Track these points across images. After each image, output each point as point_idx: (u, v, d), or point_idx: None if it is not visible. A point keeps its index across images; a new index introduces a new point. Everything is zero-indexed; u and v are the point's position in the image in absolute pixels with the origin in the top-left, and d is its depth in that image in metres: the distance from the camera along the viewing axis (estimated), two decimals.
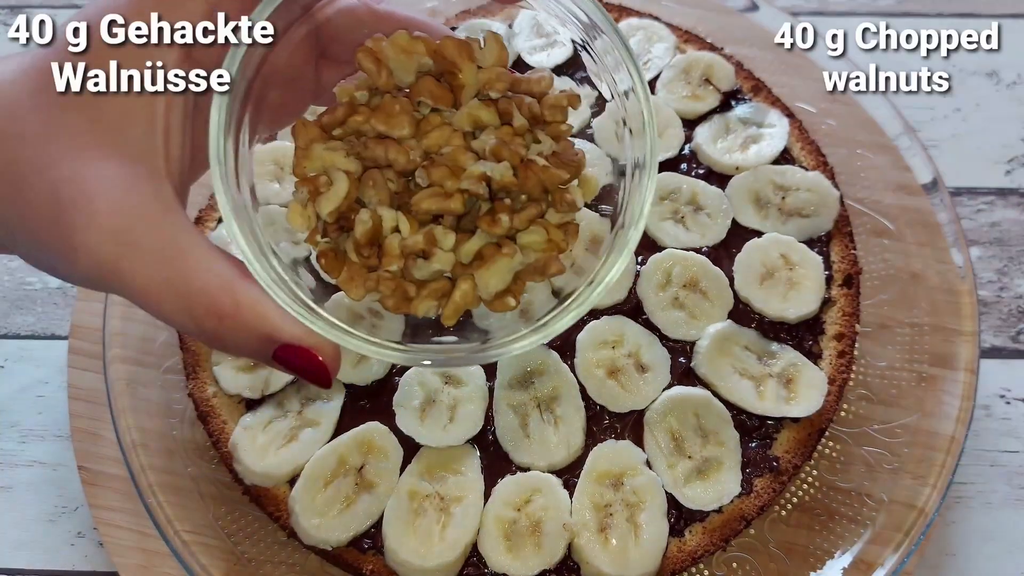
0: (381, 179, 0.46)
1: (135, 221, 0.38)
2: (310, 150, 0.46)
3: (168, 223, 0.39)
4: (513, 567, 0.64)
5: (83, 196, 0.37)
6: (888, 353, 0.77)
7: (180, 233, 0.39)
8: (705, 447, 0.68)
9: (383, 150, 0.46)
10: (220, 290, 0.38)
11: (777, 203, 0.79)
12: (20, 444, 0.80)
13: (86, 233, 0.37)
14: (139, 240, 0.38)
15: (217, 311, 0.38)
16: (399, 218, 0.46)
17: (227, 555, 0.68)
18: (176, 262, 0.38)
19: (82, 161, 0.38)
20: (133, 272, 0.37)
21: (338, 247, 0.47)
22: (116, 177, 0.38)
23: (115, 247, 0.37)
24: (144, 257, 0.37)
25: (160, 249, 0.38)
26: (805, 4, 1.08)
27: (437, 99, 0.47)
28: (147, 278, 0.37)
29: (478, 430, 0.68)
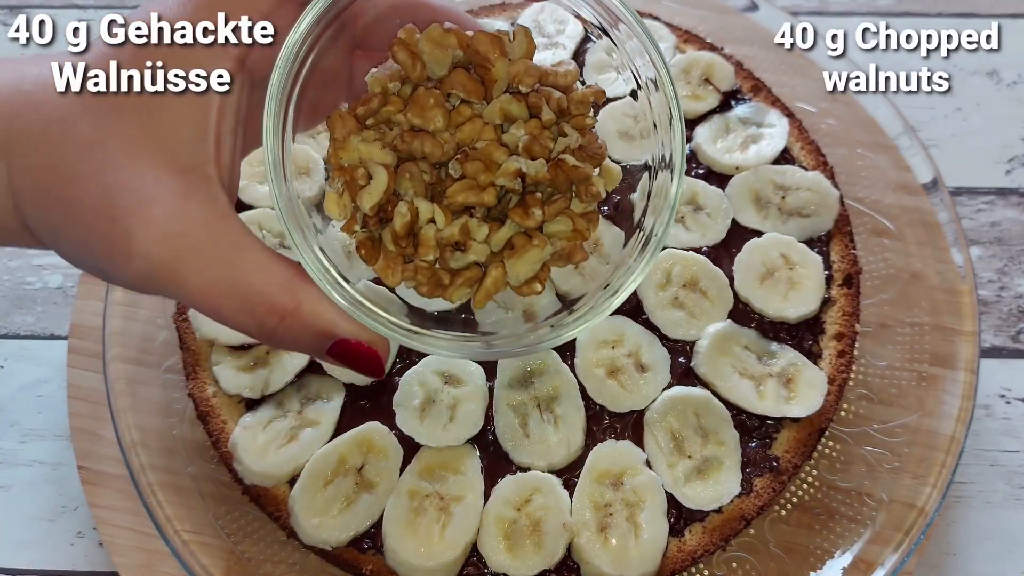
0: (417, 171, 0.47)
1: (192, 227, 0.39)
2: (347, 142, 0.47)
3: (224, 228, 0.40)
4: (513, 567, 0.64)
5: (139, 202, 0.38)
6: (888, 353, 0.77)
7: (237, 237, 0.40)
8: (705, 447, 0.68)
9: (419, 143, 0.47)
10: (280, 290, 0.40)
11: (777, 203, 0.79)
12: (20, 444, 0.80)
13: (143, 239, 0.38)
14: (197, 245, 0.39)
15: (278, 311, 0.40)
16: (435, 210, 0.47)
17: (227, 555, 0.68)
18: (235, 265, 0.39)
19: (137, 167, 0.38)
20: (191, 276, 0.39)
21: (374, 236, 0.48)
22: (171, 183, 0.39)
23: (173, 252, 0.38)
24: (203, 261, 0.39)
25: (219, 254, 0.39)
26: (805, 4, 1.08)
27: (469, 92, 0.48)
28: (206, 281, 0.39)
29: (478, 430, 0.68)
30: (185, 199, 0.39)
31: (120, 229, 0.38)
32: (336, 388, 0.71)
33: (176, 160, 0.39)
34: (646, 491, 0.66)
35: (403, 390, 0.70)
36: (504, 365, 0.70)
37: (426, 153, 0.47)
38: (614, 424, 0.70)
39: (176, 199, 0.39)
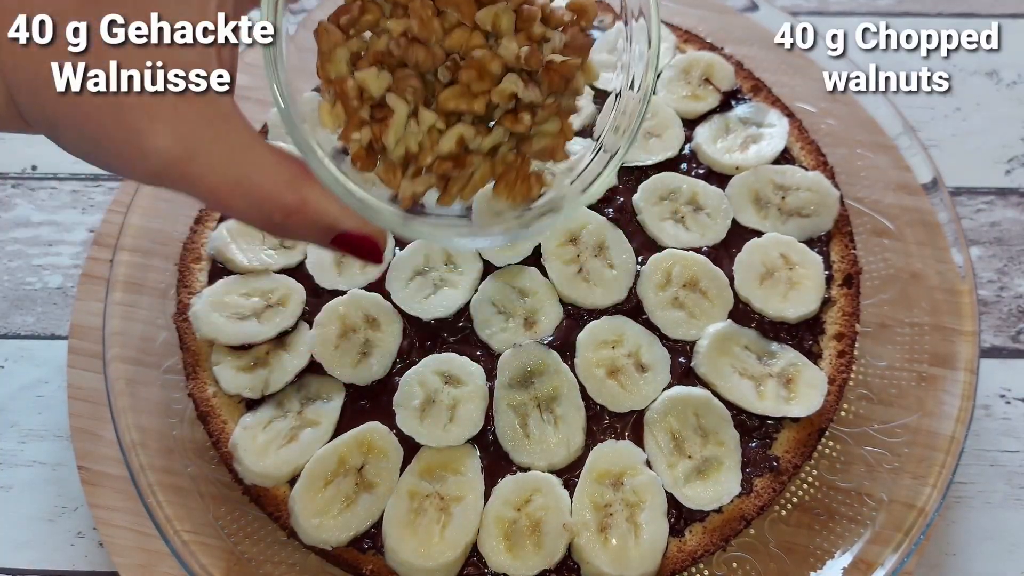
0: (417, 85, 0.47)
1: (200, 126, 0.40)
2: (333, 54, 0.47)
3: (231, 128, 0.41)
4: (513, 567, 0.64)
5: (152, 107, 0.39)
6: (888, 353, 0.77)
7: (243, 135, 0.41)
8: (705, 447, 0.68)
9: (413, 52, 0.47)
10: (286, 188, 0.41)
11: (777, 203, 0.79)
12: (20, 444, 0.80)
13: (155, 136, 0.39)
14: (206, 144, 0.40)
15: (285, 208, 0.42)
16: (436, 121, 0.47)
17: (227, 555, 0.68)
18: (244, 164, 0.40)
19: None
20: (202, 174, 0.40)
21: (370, 146, 0.48)
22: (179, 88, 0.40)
23: (183, 150, 0.39)
24: (212, 160, 0.40)
25: (227, 152, 0.40)
26: (805, 4, 1.08)
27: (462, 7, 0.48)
28: (217, 179, 0.40)
29: (478, 430, 0.68)
30: (194, 98, 0.40)
31: (130, 127, 0.39)
32: (336, 388, 0.71)
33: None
34: (646, 491, 0.66)
35: (403, 390, 0.70)
36: (504, 366, 0.70)
37: (419, 61, 0.47)
38: (614, 424, 0.70)
39: (185, 99, 0.39)
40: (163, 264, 0.80)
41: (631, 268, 0.75)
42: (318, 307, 0.73)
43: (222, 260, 0.76)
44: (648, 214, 0.78)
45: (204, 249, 0.79)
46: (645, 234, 0.78)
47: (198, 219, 0.81)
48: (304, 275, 0.76)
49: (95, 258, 0.85)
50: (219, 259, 0.77)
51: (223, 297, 0.74)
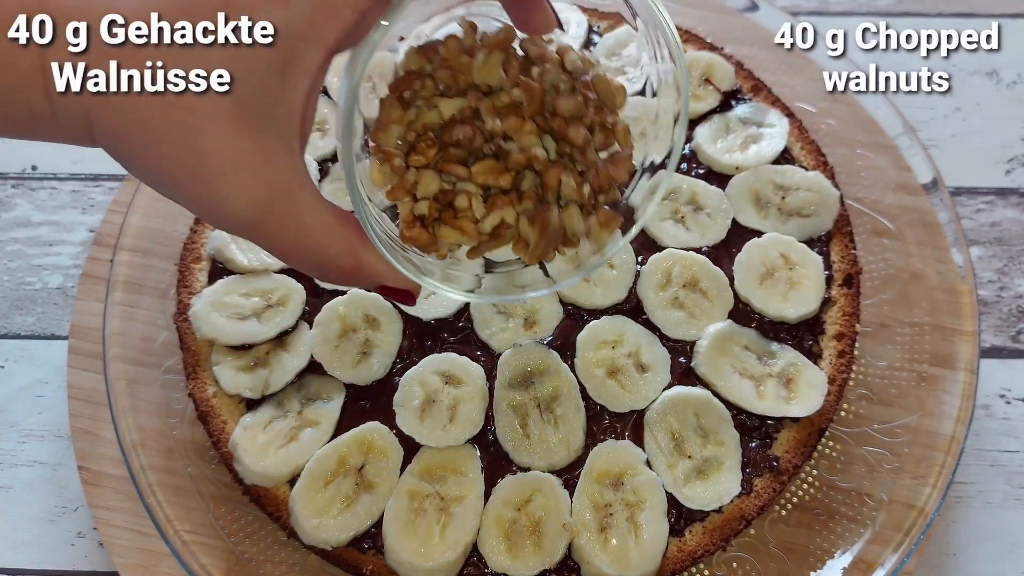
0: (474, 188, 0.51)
1: (275, 194, 0.43)
2: (389, 129, 0.50)
3: (302, 197, 0.45)
4: (513, 567, 0.64)
5: (230, 168, 0.42)
6: (888, 353, 0.77)
7: (312, 205, 0.45)
8: (705, 447, 0.68)
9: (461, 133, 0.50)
10: (346, 253, 0.47)
11: (777, 203, 0.79)
12: (20, 444, 0.80)
13: (234, 204, 0.43)
14: (278, 212, 0.44)
15: (342, 269, 0.48)
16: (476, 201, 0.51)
17: (227, 555, 0.68)
18: (310, 234, 0.45)
19: (228, 136, 0.41)
20: (273, 237, 0.45)
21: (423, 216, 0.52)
22: (258, 152, 0.42)
23: (258, 215, 0.43)
24: (283, 227, 0.45)
25: (296, 222, 0.45)
26: (805, 4, 1.08)
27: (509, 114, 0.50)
28: (286, 245, 0.46)
29: (478, 430, 0.68)
30: (272, 170, 0.43)
31: (212, 192, 0.42)
32: (336, 388, 0.71)
33: (264, 130, 0.42)
34: (646, 491, 0.66)
35: (403, 390, 0.70)
36: (504, 366, 0.70)
37: (464, 140, 0.50)
38: (614, 424, 0.70)
39: (263, 170, 0.42)
40: (163, 264, 0.80)
41: (631, 268, 0.75)
42: (318, 307, 0.73)
43: (222, 260, 0.76)
44: None
45: (204, 249, 0.79)
46: (645, 234, 0.78)
47: (198, 219, 0.81)
48: (304, 275, 0.76)
49: (95, 258, 0.85)
50: (219, 259, 0.77)
51: (223, 297, 0.74)
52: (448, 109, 0.50)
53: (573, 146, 0.51)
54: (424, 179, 0.50)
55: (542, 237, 0.52)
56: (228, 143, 0.42)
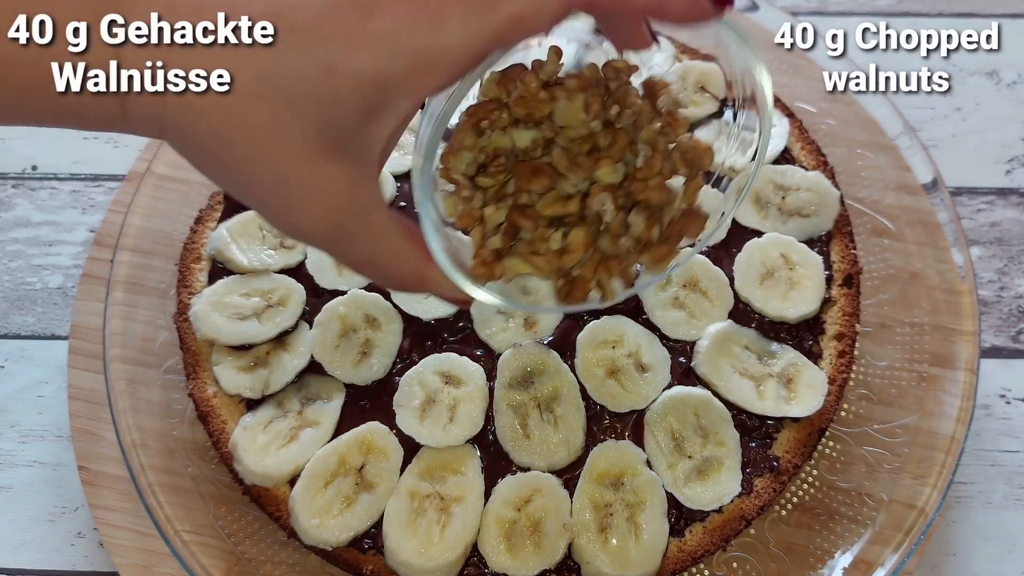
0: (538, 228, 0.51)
1: (351, 219, 0.45)
2: (460, 154, 0.50)
3: (375, 219, 0.47)
4: (513, 567, 0.64)
5: (309, 194, 0.43)
6: (888, 353, 0.77)
7: (383, 228, 0.47)
8: (705, 447, 0.68)
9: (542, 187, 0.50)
10: (412, 271, 0.49)
11: (777, 203, 0.79)
12: (20, 444, 0.80)
13: (309, 225, 0.45)
14: (352, 233, 0.46)
15: (407, 284, 0.51)
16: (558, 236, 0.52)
17: (227, 555, 0.68)
18: (380, 252, 0.48)
19: (310, 162, 0.42)
20: (345, 254, 0.48)
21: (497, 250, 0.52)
22: (338, 179, 0.44)
23: (333, 237, 0.46)
24: (355, 246, 0.47)
25: (367, 241, 0.47)
26: (805, 4, 1.08)
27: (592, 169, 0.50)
28: (356, 260, 0.48)
29: (478, 430, 0.68)
30: (349, 196, 0.45)
31: (291, 214, 0.44)
32: (336, 388, 0.71)
33: (345, 159, 0.43)
34: (646, 491, 0.66)
35: (403, 390, 0.70)
36: (504, 366, 0.70)
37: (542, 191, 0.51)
38: (614, 424, 0.70)
39: (342, 196, 0.44)
40: (163, 264, 0.80)
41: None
42: (318, 307, 0.73)
43: (222, 260, 0.76)
44: None
45: (204, 249, 0.79)
46: None
47: (198, 219, 0.81)
48: (304, 275, 0.76)
49: (95, 258, 0.85)
50: (219, 259, 0.77)
51: (223, 297, 0.74)
52: (522, 140, 0.50)
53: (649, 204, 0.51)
54: (491, 213, 0.51)
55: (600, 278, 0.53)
56: (309, 170, 0.43)
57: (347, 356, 0.72)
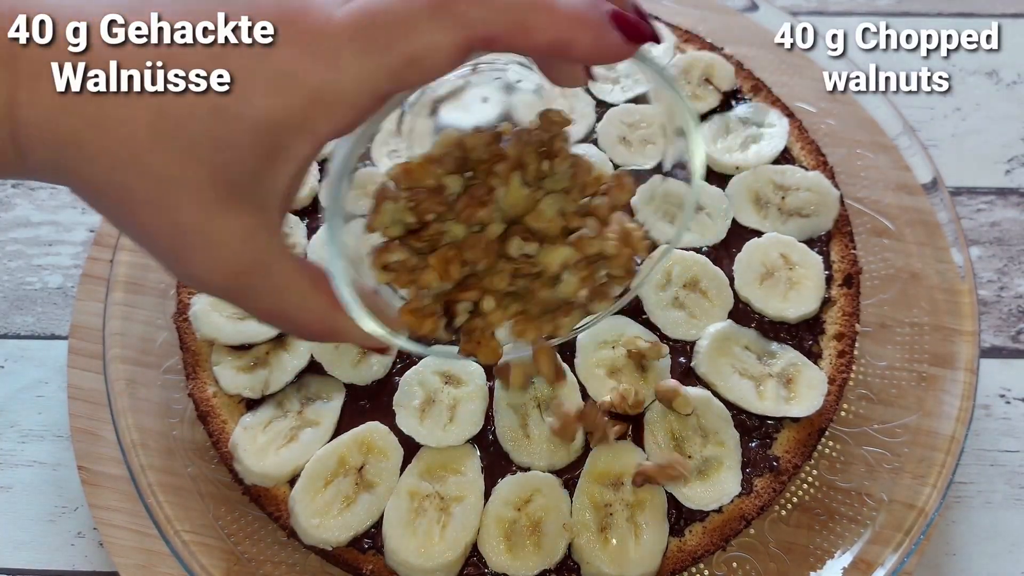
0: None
1: (254, 269, 0.44)
2: (382, 210, 0.50)
3: (278, 270, 0.45)
4: (513, 567, 0.64)
5: (206, 245, 0.41)
6: (888, 353, 0.77)
7: (288, 277, 0.46)
8: (705, 447, 0.68)
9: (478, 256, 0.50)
10: (320, 321, 0.48)
11: (777, 203, 0.79)
12: (20, 444, 0.80)
13: (207, 275, 0.43)
14: (254, 284, 0.44)
15: (316, 335, 0.49)
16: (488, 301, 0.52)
17: (227, 555, 0.68)
18: (285, 303, 0.46)
19: (207, 210, 0.41)
20: (247, 306, 0.46)
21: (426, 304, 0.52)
22: (237, 228, 0.42)
23: (233, 286, 0.44)
24: (258, 298, 0.45)
25: (271, 294, 0.45)
26: (805, 4, 1.08)
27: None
28: (260, 311, 0.47)
29: (478, 430, 0.68)
30: (249, 247, 0.43)
31: (188, 264, 0.42)
32: (336, 388, 0.71)
33: (244, 208, 0.42)
34: (646, 491, 0.66)
35: (403, 390, 0.70)
36: None
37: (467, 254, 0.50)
38: (614, 424, 0.70)
39: (240, 247, 0.42)
40: None
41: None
42: None
43: None
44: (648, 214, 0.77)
45: None
46: None
47: None
48: None
49: (95, 258, 0.85)
50: None
51: None
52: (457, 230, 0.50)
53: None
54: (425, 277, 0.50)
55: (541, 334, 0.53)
56: (205, 219, 0.41)
57: (347, 356, 0.71)
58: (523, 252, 0.50)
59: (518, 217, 0.51)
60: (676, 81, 0.49)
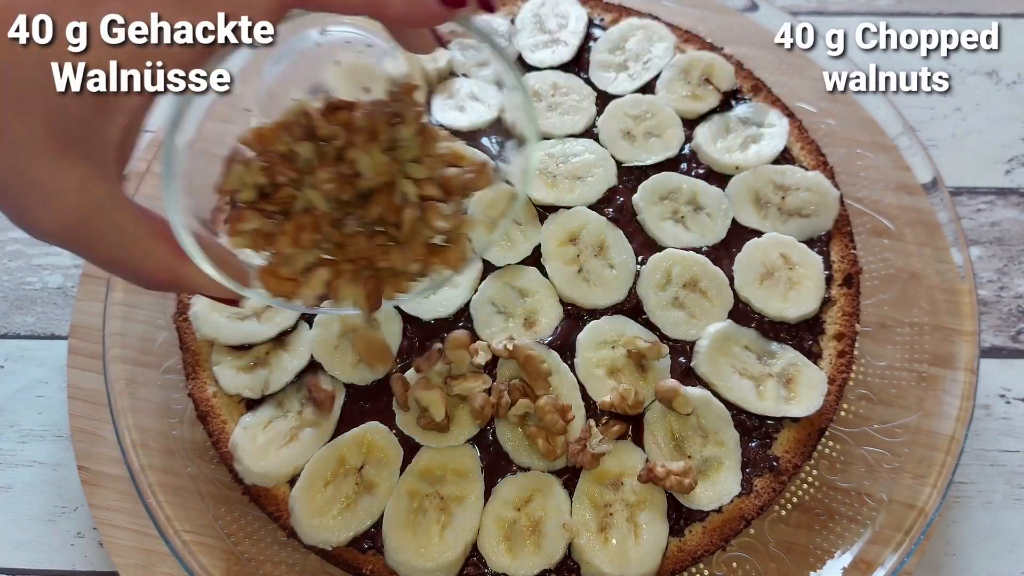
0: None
1: (93, 217, 0.45)
2: (232, 172, 0.52)
3: (116, 218, 0.46)
4: (513, 567, 0.64)
5: (46, 195, 0.43)
6: (888, 353, 0.77)
7: (126, 225, 0.47)
8: (705, 447, 0.68)
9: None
10: (163, 269, 0.49)
11: (777, 203, 0.79)
12: (20, 444, 0.80)
13: (47, 223, 0.44)
14: (93, 232, 0.45)
15: (160, 284, 0.50)
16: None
17: (227, 555, 0.68)
18: (126, 250, 0.47)
19: (44, 162, 0.42)
20: (89, 255, 0.47)
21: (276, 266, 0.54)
22: (73, 179, 0.43)
23: (72, 235, 0.45)
24: (102, 245, 0.47)
25: (112, 240, 0.47)
26: (805, 4, 1.08)
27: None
28: (102, 260, 0.48)
29: (478, 430, 0.68)
30: (85, 195, 0.44)
31: (29, 211, 0.44)
32: (336, 388, 0.71)
33: (80, 158, 0.43)
34: (646, 491, 0.66)
35: None
36: (504, 363, 0.70)
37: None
38: (614, 424, 0.70)
39: (76, 195, 0.44)
40: None
41: (631, 268, 0.75)
42: None
43: None
44: (648, 214, 0.78)
45: None
46: (645, 234, 0.78)
47: None
48: None
49: None
50: None
51: None
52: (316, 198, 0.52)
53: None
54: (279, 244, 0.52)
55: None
56: (41, 168, 0.42)
57: (347, 356, 0.71)
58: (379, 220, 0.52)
59: (375, 186, 0.53)
60: (506, 53, 0.53)
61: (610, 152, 0.81)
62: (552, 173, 0.79)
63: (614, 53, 0.88)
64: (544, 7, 0.91)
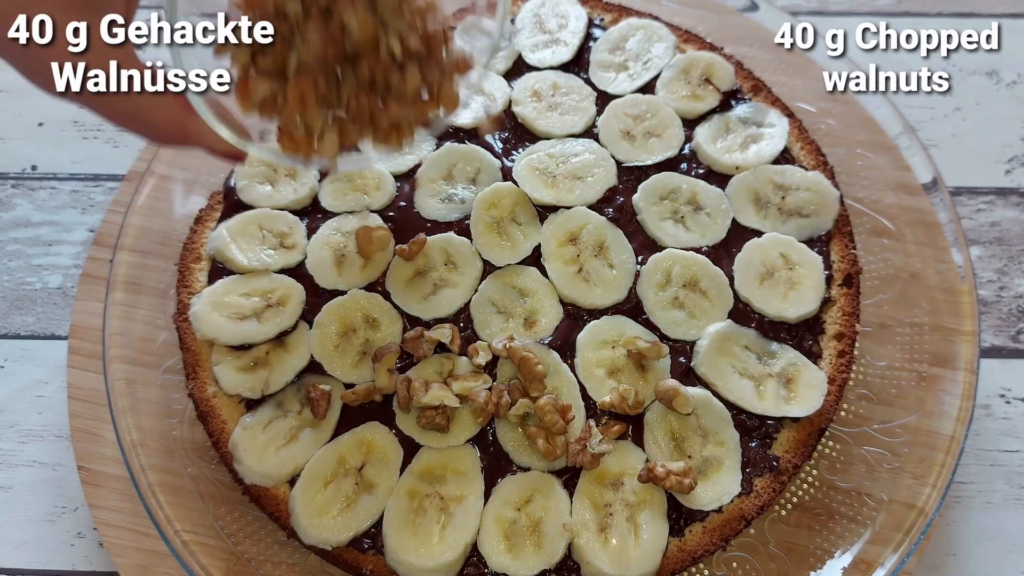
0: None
1: (100, 66, 0.46)
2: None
3: (127, 68, 0.47)
4: (513, 567, 0.63)
5: (56, 43, 0.44)
6: (888, 353, 0.77)
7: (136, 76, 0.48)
8: (705, 447, 0.68)
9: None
10: (173, 126, 0.51)
11: (777, 203, 0.79)
12: (20, 444, 0.80)
13: (61, 76, 0.46)
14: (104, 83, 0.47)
15: (170, 139, 0.52)
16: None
17: (227, 555, 0.68)
18: (137, 104, 0.49)
19: (57, 15, 0.44)
20: (102, 107, 0.49)
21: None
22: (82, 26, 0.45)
23: (86, 87, 0.46)
24: (111, 97, 0.48)
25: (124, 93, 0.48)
26: (805, 4, 1.08)
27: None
28: (115, 113, 0.49)
29: (478, 430, 0.68)
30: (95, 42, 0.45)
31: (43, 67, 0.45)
32: (337, 388, 0.71)
33: (91, 11, 0.45)
34: (646, 491, 0.66)
35: None
36: (504, 363, 0.70)
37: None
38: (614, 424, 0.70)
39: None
40: (163, 264, 0.80)
41: (631, 268, 0.75)
42: (318, 307, 0.73)
43: (222, 260, 0.76)
44: (648, 214, 0.78)
45: (204, 249, 0.79)
46: (645, 234, 0.78)
47: (198, 219, 0.81)
48: (304, 275, 0.76)
49: (95, 258, 0.85)
50: (219, 259, 0.77)
51: (223, 297, 0.74)
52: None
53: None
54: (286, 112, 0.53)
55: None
56: (58, 20, 0.44)
57: (347, 356, 0.71)
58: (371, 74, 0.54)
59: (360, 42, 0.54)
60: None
61: (610, 152, 0.81)
62: (552, 173, 0.79)
63: (614, 53, 0.88)
64: (544, 7, 0.91)
